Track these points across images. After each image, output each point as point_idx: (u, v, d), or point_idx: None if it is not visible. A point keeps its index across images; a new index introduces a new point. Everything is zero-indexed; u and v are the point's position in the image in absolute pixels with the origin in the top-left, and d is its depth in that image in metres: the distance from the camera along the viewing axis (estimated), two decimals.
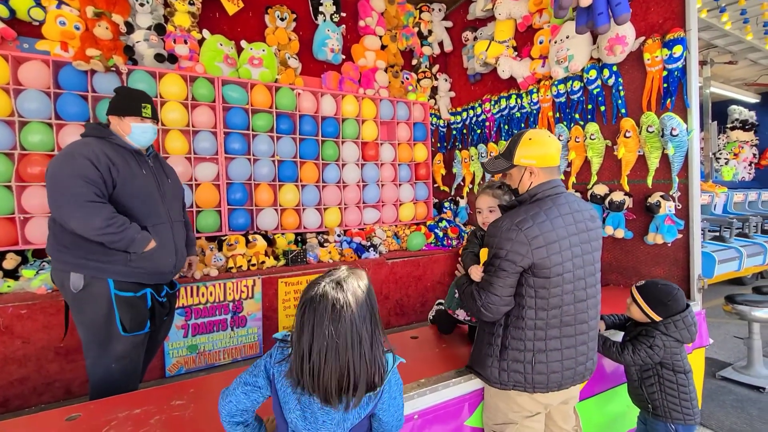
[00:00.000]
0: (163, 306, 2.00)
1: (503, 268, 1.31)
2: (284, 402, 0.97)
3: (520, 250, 1.28)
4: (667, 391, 1.65)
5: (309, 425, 0.94)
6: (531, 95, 3.60)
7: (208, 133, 3.35)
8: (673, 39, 2.50)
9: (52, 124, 2.80)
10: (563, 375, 1.36)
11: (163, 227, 1.94)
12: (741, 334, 3.13)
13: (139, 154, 1.94)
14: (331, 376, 0.88)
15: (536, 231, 1.29)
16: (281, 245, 3.50)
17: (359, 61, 4.27)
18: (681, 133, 2.48)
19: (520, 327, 1.35)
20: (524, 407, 1.40)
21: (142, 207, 1.87)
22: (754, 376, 2.91)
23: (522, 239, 1.28)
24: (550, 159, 1.41)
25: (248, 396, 1.00)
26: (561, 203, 1.37)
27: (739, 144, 6.91)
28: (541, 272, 1.30)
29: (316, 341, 0.88)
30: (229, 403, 1.00)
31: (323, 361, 0.88)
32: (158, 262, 1.89)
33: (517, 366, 1.36)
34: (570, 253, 1.33)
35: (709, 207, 4.22)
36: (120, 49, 2.99)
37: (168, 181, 2.06)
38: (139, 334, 1.85)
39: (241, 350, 3.06)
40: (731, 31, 4.14)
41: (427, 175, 4.72)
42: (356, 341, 0.90)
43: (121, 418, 1.32)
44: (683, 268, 2.55)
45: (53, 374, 2.45)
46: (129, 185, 1.83)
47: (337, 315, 0.89)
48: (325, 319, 0.88)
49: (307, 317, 0.90)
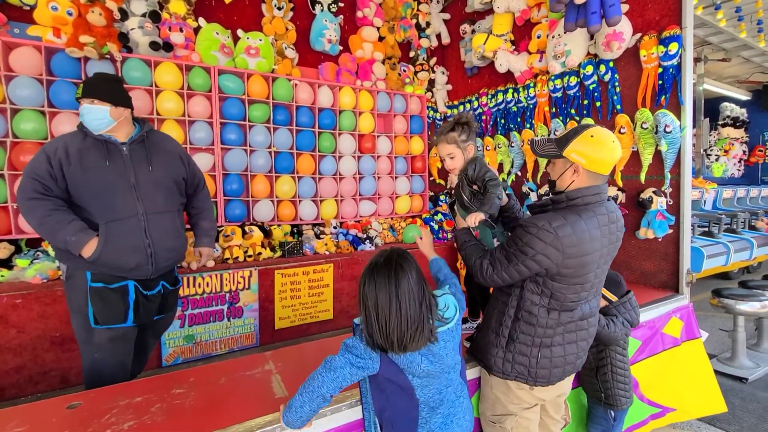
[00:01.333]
0: (150, 301, 1.88)
1: (525, 265, 1.28)
2: (409, 364, 1.11)
3: (551, 255, 1.24)
4: (617, 378, 1.77)
5: (434, 363, 1.13)
6: (528, 90, 3.61)
7: (204, 123, 3.32)
8: (669, 36, 2.53)
9: (44, 111, 2.76)
10: (564, 369, 1.40)
11: (127, 223, 1.78)
12: (727, 327, 3.22)
13: (110, 142, 1.79)
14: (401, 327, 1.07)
15: (574, 241, 1.24)
16: (277, 236, 3.51)
17: (357, 53, 4.24)
18: (674, 130, 2.52)
19: (531, 323, 1.35)
20: (524, 399, 1.44)
21: (95, 202, 1.75)
22: (737, 368, 3.01)
23: (558, 246, 1.23)
24: (601, 165, 1.29)
25: (353, 375, 1.12)
26: (601, 213, 1.31)
27: (730, 141, 7.01)
28: (564, 279, 1.29)
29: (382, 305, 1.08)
30: (333, 380, 1.10)
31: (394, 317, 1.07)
32: (116, 260, 1.75)
33: (522, 359, 1.38)
34: (596, 264, 1.32)
35: (699, 203, 4.30)
36: (114, 36, 2.93)
37: (149, 169, 1.85)
38: (116, 327, 1.77)
39: (237, 340, 3.08)
40: (725, 28, 4.18)
41: (424, 168, 4.73)
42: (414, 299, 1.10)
43: (122, 406, 1.34)
44: (673, 263, 2.61)
45: (49, 363, 2.45)
46: (80, 180, 1.71)
47: (394, 281, 1.08)
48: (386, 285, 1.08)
49: (369, 288, 1.09)
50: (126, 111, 1.84)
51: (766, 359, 3.15)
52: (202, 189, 2.15)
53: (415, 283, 1.11)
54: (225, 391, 1.44)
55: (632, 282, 2.82)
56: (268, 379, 1.51)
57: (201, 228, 2.15)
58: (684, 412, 2.27)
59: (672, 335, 2.33)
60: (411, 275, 1.10)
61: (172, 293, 2.05)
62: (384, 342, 1.08)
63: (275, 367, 1.61)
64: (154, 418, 1.26)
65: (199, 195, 2.15)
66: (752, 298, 3.00)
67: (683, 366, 2.32)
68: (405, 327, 1.06)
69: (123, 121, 1.83)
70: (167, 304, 2.02)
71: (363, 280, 1.12)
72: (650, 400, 2.17)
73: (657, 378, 2.21)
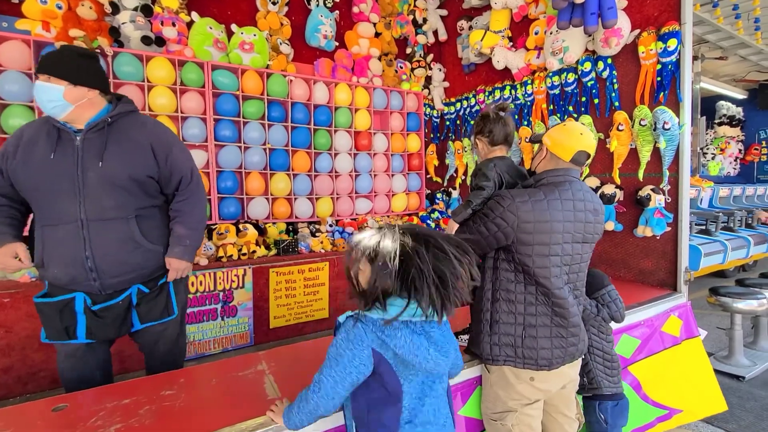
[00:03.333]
0: (101, 317, 1.59)
1: (486, 226, 1.40)
2: (413, 347, 0.97)
3: (507, 218, 1.35)
4: (596, 360, 1.76)
5: (440, 349, 0.99)
6: (525, 87, 3.59)
7: (197, 119, 3.27)
8: (668, 32, 2.51)
9: (33, 107, 2.70)
10: (552, 353, 1.39)
11: (61, 230, 1.49)
12: (724, 325, 3.22)
13: (64, 131, 1.51)
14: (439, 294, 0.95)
15: (528, 207, 1.34)
16: (272, 235, 3.47)
17: (353, 49, 4.20)
18: (673, 127, 2.50)
19: (510, 300, 1.41)
20: (524, 395, 1.42)
21: (34, 203, 1.52)
22: (734, 366, 3.00)
23: (513, 209, 1.34)
24: (562, 149, 1.44)
25: (359, 374, 0.99)
26: (564, 190, 1.40)
27: (726, 139, 7.03)
28: (525, 247, 1.36)
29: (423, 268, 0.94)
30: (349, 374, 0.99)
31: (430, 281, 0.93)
32: (52, 272, 1.52)
33: (507, 339, 1.40)
34: (560, 237, 1.37)
35: (696, 201, 4.30)
36: (105, 30, 2.89)
37: (98, 164, 1.49)
38: (66, 343, 1.57)
39: (231, 340, 3.04)
40: (723, 26, 4.17)
41: (420, 165, 4.70)
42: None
43: (110, 408, 1.30)
44: (671, 261, 2.60)
45: (38, 363, 2.40)
46: (20, 175, 1.49)
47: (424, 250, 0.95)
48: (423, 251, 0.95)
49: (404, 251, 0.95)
50: (91, 92, 1.51)
51: (762, 357, 3.14)
52: (186, 187, 1.71)
53: None
54: (216, 392, 1.40)
55: (630, 280, 2.81)
56: (260, 379, 1.48)
57: (174, 235, 1.70)
58: (690, 413, 2.23)
59: (672, 334, 2.32)
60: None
61: (153, 299, 1.68)
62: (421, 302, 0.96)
63: (268, 367, 1.57)
64: (142, 420, 1.23)
65: (180, 195, 1.71)
66: (749, 296, 3.00)
67: (684, 365, 2.29)
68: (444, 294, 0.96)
69: (85, 104, 1.50)
70: (148, 312, 1.68)
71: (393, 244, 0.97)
72: (655, 401, 2.14)
73: (660, 378, 2.18)
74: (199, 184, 1.77)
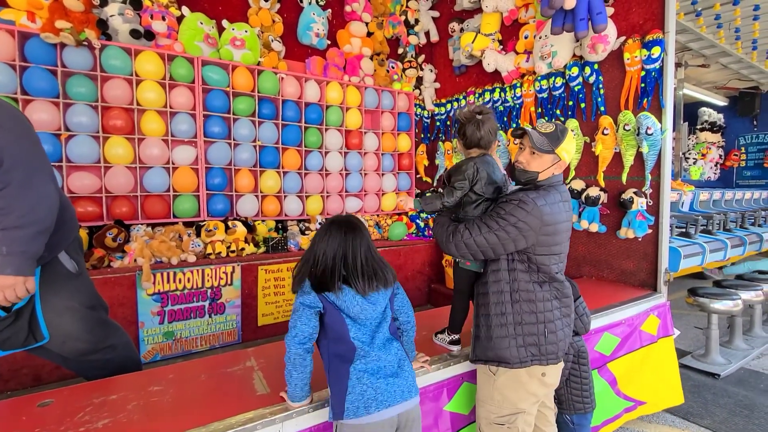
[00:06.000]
0: None
1: (506, 230, 1.37)
2: (344, 304, 1.19)
3: (531, 223, 1.36)
4: (572, 386, 1.79)
5: (371, 305, 1.21)
6: (514, 89, 3.64)
7: (187, 115, 3.24)
8: (652, 40, 2.58)
9: (17, 99, 2.65)
10: (565, 343, 1.46)
11: None
12: (701, 325, 3.32)
13: None
14: (365, 270, 1.20)
15: (547, 210, 1.39)
16: (261, 232, 3.46)
17: (344, 48, 4.20)
18: (655, 132, 2.58)
19: (531, 300, 1.42)
20: (535, 393, 1.44)
21: None
22: (710, 364, 3.10)
23: (537, 214, 1.36)
24: (569, 159, 1.51)
25: (310, 321, 1.19)
26: (563, 191, 1.48)
27: (707, 145, 7.22)
28: (543, 249, 1.40)
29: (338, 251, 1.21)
30: (297, 335, 1.17)
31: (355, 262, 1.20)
32: None
33: (532, 339, 1.41)
34: (564, 235, 1.46)
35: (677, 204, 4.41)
36: (92, 22, 2.83)
37: None
38: None
39: (219, 337, 3.03)
40: (705, 35, 4.29)
41: (410, 165, 4.73)
42: (371, 248, 1.26)
43: (96, 404, 1.30)
44: (652, 262, 2.67)
45: (20, 361, 2.36)
46: None
47: (351, 233, 1.23)
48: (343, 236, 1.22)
49: (326, 239, 1.22)
50: None
51: (737, 356, 3.26)
52: (5, 174, 1.27)
53: (368, 234, 1.28)
54: (205, 388, 1.41)
55: (612, 280, 2.89)
56: (249, 375, 1.49)
57: None
58: (652, 405, 2.35)
59: (649, 332, 2.40)
60: (363, 229, 1.26)
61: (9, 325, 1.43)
62: (344, 279, 1.20)
63: (257, 363, 1.58)
64: (130, 416, 1.23)
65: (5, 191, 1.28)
66: (725, 297, 3.10)
67: (656, 362, 2.39)
68: (369, 270, 1.21)
69: None
70: (7, 339, 1.44)
71: (327, 227, 1.24)
72: (625, 394, 2.23)
73: (633, 374, 2.27)
74: (27, 171, 1.32)
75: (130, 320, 2.68)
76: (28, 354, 2.33)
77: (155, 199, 3.17)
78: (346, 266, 1.20)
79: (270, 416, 1.22)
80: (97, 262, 2.65)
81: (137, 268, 2.69)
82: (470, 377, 1.68)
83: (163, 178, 3.17)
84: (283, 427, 1.24)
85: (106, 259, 2.72)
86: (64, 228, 1.53)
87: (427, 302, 4.18)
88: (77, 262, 1.60)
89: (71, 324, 1.55)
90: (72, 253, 1.59)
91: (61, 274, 1.53)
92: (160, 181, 3.15)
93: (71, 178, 2.85)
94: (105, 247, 2.76)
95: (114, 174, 2.98)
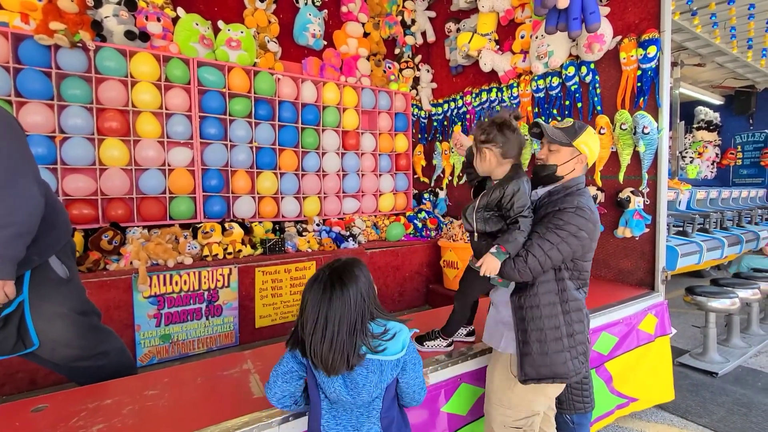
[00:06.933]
0: None
1: (568, 242, 1.31)
2: (323, 379, 1.03)
3: (589, 230, 1.32)
4: (573, 386, 1.77)
5: (351, 392, 1.03)
6: (511, 89, 3.64)
7: (183, 116, 3.23)
8: (648, 39, 2.58)
9: (11, 101, 2.63)
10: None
11: None
12: (699, 324, 3.33)
13: None
14: (323, 349, 0.98)
15: (597, 217, 1.37)
16: (259, 234, 3.44)
17: (341, 48, 4.20)
18: (652, 132, 2.58)
19: (579, 309, 1.38)
20: (552, 396, 1.43)
21: None
22: (708, 362, 3.10)
23: (594, 220, 1.34)
24: (594, 158, 1.48)
25: (289, 383, 1.10)
26: (589, 196, 1.45)
27: (704, 144, 7.25)
28: (588, 254, 1.39)
29: (310, 319, 1.00)
30: (275, 394, 1.11)
31: (318, 336, 0.98)
32: None
33: (582, 348, 1.38)
34: None
35: (674, 203, 4.42)
36: (87, 23, 2.82)
37: None
38: None
39: (216, 339, 3.01)
40: (701, 34, 4.31)
41: (408, 165, 4.73)
42: (344, 322, 0.99)
43: (91, 408, 1.29)
44: (649, 261, 2.68)
45: (16, 365, 2.34)
46: None
47: (327, 298, 0.99)
48: (319, 300, 1.00)
49: (307, 298, 1.02)
50: None
51: (735, 354, 3.26)
52: None
53: (354, 302, 1.00)
54: (200, 391, 1.40)
55: (610, 279, 2.89)
56: (246, 378, 1.48)
57: None
58: (644, 401, 2.36)
59: (647, 332, 2.39)
60: (350, 293, 0.99)
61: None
62: (308, 353, 1.01)
63: (254, 366, 1.57)
64: (124, 420, 1.22)
65: None
66: (723, 296, 3.10)
67: (652, 361, 2.39)
68: (327, 349, 0.97)
69: None
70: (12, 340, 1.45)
71: (311, 279, 1.04)
72: (619, 392, 2.23)
73: (629, 372, 2.27)
74: (7, 173, 1.30)
75: (127, 323, 2.66)
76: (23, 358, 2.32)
77: (151, 201, 3.15)
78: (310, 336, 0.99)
79: (266, 419, 1.21)
80: (92, 265, 2.63)
81: (133, 271, 2.67)
82: (468, 378, 1.68)
83: (159, 180, 3.15)
84: (279, 430, 1.23)
85: (101, 261, 2.70)
86: (55, 232, 1.51)
87: (425, 303, 4.17)
88: (69, 267, 1.58)
89: (61, 330, 1.53)
90: (63, 257, 1.56)
91: (51, 280, 1.50)
92: (156, 183, 3.14)
93: (66, 181, 2.83)
94: (101, 250, 2.74)
95: (109, 176, 2.96)
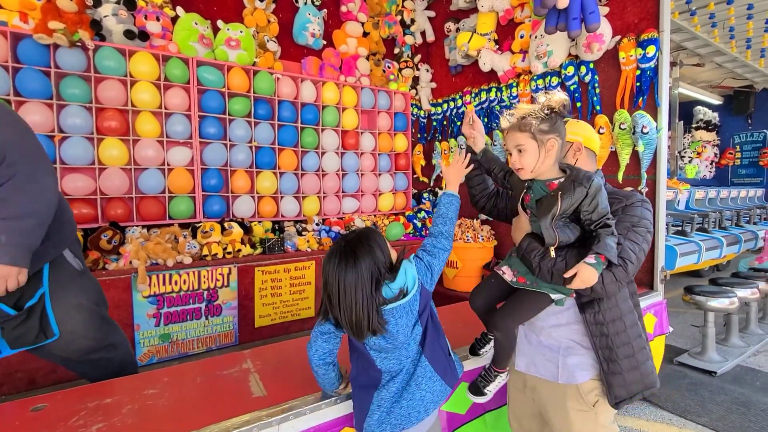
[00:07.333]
0: None
1: (647, 239, 1.18)
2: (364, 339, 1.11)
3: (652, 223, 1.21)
4: None
5: (390, 341, 1.11)
6: (511, 89, 3.65)
7: (182, 116, 3.23)
8: (647, 39, 2.59)
9: (10, 101, 2.63)
10: None
11: None
12: (698, 323, 3.34)
13: None
14: (346, 318, 1.05)
15: None
16: (258, 233, 3.44)
17: (340, 48, 4.20)
18: (651, 131, 2.59)
19: (641, 315, 1.27)
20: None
21: None
22: (707, 362, 3.12)
23: (650, 208, 1.24)
24: (593, 142, 1.33)
25: (328, 342, 1.17)
26: None
27: (703, 143, 7.27)
28: None
29: (332, 291, 1.06)
30: (316, 351, 1.17)
31: (341, 307, 1.05)
32: None
33: (649, 364, 1.25)
34: None
35: (673, 203, 4.44)
36: (86, 23, 2.82)
37: None
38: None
39: (215, 339, 3.01)
40: (700, 34, 4.32)
41: (407, 165, 4.73)
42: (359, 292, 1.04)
43: (91, 408, 1.28)
44: (648, 260, 2.67)
45: (15, 364, 2.34)
46: None
47: (343, 270, 1.05)
48: (335, 272, 1.06)
49: (327, 271, 1.08)
50: None
51: (733, 353, 3.27)
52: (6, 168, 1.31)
53: (367, 270, 1.04)
54: (200, 390, 1.39)
55: None
56: (245, 377, 1.47)
57: None
58: None
59: (646, 331, 2.40)
60: (363, 263, 1.04)
61: (21, 323, 1.46)
62: (340, 322, 1.10)
63: (254, 365, 1.57)
64: (124, 420, 1.21)
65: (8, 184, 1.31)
66: (722, 295, 3.12)
67: None
68: (350, 318, 1.05)
69: None
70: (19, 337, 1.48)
71: (323, 260, 1.12)
72: None
73: None
74: (30, 165, 1.37)
75: (126, 323, 2.66)
76: (23, 357, 2.32)
77: (150, 200, 3.15)
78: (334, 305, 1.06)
79: (266, 419, 1.21)
80: (92, 264, 2.63)
81: (132, 271, 2.67)
82: (468, 377, 1.68)
83: (158, 180, 3.15)
84: (279, 429, 1.23)
85: (101, 261, 2.70)
86: (66, 227, 1.58)
87: None
88: (80, 260, 1.65)
89: (80, 321, 1.58)
90: (75, 251, 1.63)
91: (68, 272, 1.57)
92: (156, 182, 3.13)
93: (65, 180, 2.83)
94: (100, 250, 2.74)
95: (109, 175, 2.96)
